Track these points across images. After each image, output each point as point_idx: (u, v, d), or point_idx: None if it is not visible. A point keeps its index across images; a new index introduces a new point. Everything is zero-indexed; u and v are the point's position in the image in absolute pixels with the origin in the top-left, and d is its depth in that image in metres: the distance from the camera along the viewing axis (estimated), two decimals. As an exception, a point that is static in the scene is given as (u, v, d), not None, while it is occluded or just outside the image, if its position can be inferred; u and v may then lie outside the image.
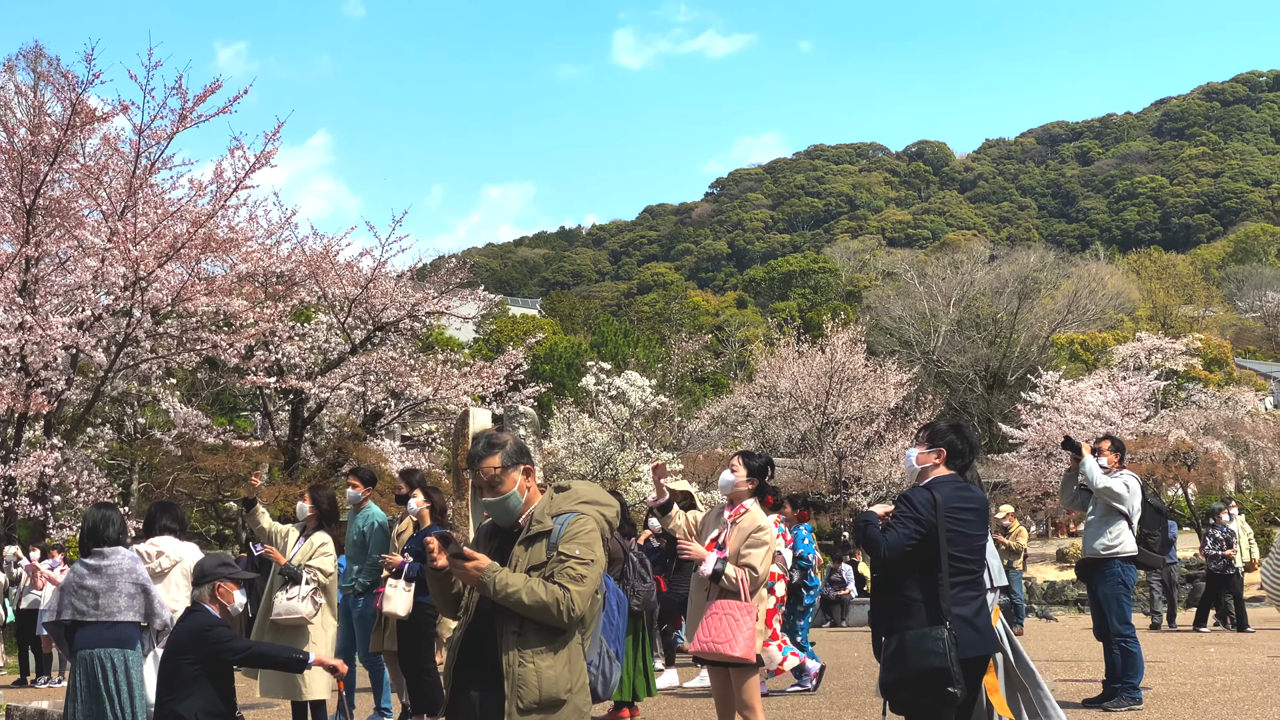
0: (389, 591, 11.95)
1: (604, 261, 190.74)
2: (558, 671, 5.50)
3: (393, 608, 11.89)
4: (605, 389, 38.34)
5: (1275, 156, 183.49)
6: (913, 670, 6.77)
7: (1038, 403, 47.86)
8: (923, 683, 6.79)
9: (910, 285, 79.46)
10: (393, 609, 11.89)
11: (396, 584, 11.92)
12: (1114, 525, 12.90)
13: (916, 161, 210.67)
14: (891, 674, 6.85)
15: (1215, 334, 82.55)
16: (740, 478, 9.03)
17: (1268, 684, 14.49)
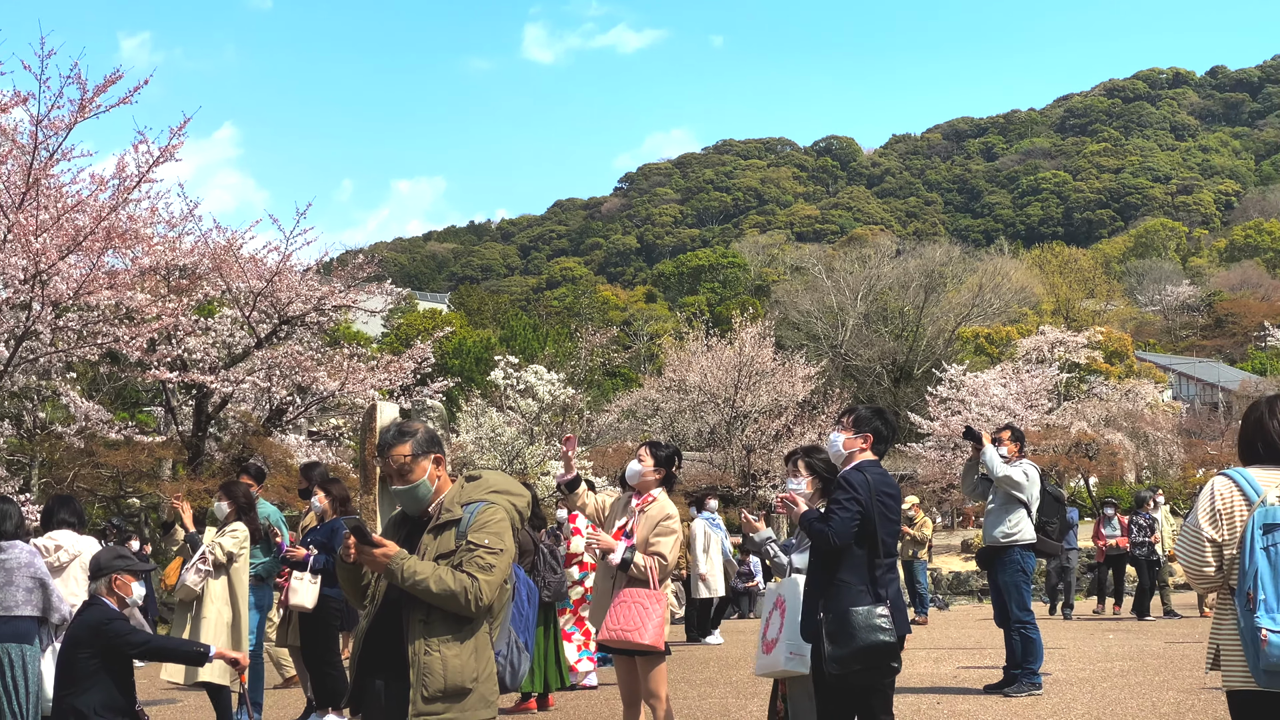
0: (294, 584, 11.85)
1: (513, 256, 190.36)
2: (464, 660, 5.47)
3: (298, 601, 11.80)
4: (514, 383, 38.24)
5: (1175, 153, 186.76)
6: (861, 645, 6.98)
7: (943, 395, 48.39)
8: (870, 657, 7.02)
9: (818, 280, 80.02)
10: (298, 602, 11.80)
11: (302, 577, 11.83)
12: (1013, 514, 13.07)
13: (824, 157, 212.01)
14: (842, 649, 6.98)
15: (1116, 327, 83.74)
16: (647, 467, 9.04)
17: (1164, 669, 14.76)
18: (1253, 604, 5.38)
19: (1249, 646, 5.40)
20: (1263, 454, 5.81)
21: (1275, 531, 5.43)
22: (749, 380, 43.57)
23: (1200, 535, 5.68)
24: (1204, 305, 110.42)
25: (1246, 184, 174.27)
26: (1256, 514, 5.51)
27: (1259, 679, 5.41)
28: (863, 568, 7.22)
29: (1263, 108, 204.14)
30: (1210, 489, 5.76)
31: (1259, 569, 5.41)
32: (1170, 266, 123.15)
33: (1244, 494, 5.63)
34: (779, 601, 7.79)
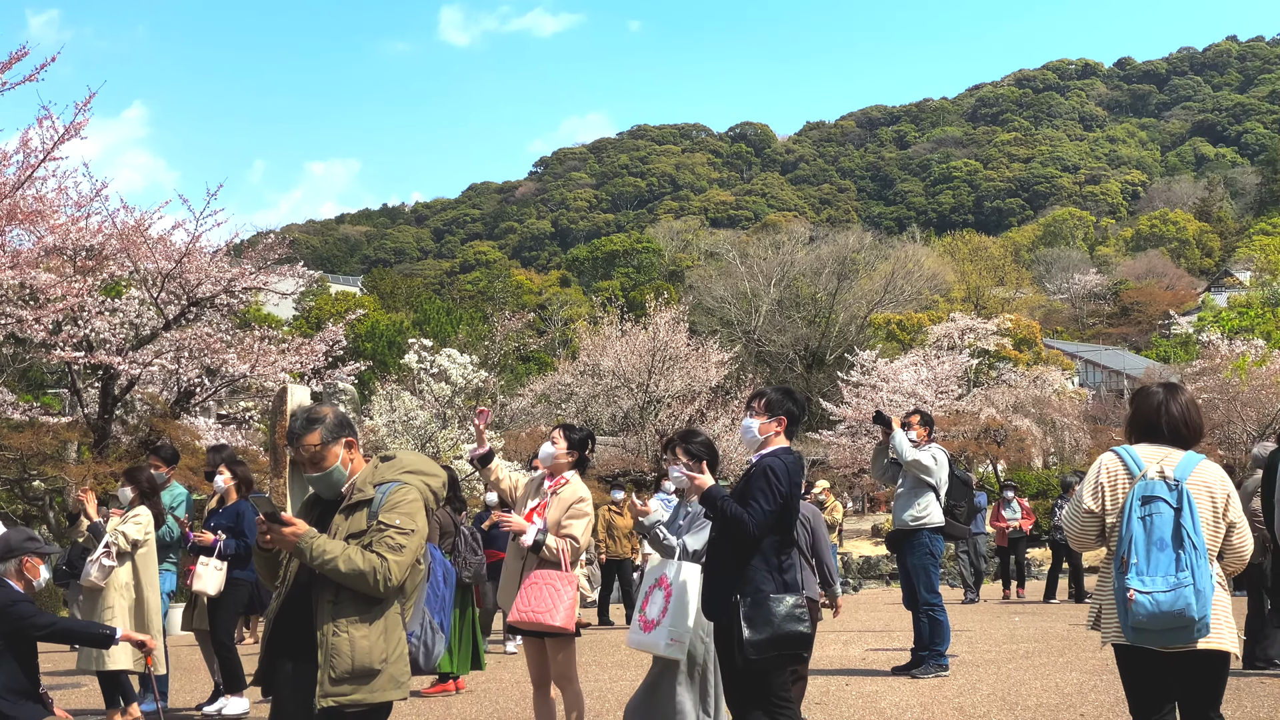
0: (200, 570, 11.73)
1: (427, 239, 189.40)
2: (372, 641, 5.45)
3: (203, 586, 11.68)
4: (428, 366, 38.02)
5: (1083, 143, 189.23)
6: (781, 634, 7.01)
7: (855, 381, 48.74)
8: (788, 645, 7.06)
9: (732, 265, 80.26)
10: (203, 587, 11.68)
11: (209, 562, 11.71)
12: (922, 497, 13.21)
13: (739, 143, 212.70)
14: (760, 634, 6.99)
15: (1025, 315, 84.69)
16: (561, 449, 9.04)
17: (1068, 650, 15.01)
18: (1125, 567, 6.02)
19: (1120, 605, 6.03)
20: (1166, 435, 6.38)
21: (1152, 503, 6.09)
22: (662, 365, 43.61)
23: (1080, 507, 6.33)
24: (1110, 294, 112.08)
25: (1152, 174, 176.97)
26: (1137, 486, 6.16)
27: (1127, 634, 6.07)
28: (773, 554, 7.22)
29: (1169, 99, 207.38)
30: (1099, 464, 6.39)
31: (1134, 535, 6.07)
32: (1078, 255, 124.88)
33: (1128, 468, 6.26)
34: (662, 581, 7.76)
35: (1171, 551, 6.03)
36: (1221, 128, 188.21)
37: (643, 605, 7.79)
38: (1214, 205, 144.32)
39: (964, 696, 11.54)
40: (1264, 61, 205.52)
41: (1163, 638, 6.03)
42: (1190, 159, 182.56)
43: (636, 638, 7.77)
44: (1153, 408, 6.46)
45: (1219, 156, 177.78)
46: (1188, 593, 5.96)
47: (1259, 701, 10.78)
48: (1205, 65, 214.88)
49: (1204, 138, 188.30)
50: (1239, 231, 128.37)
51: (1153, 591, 5.96)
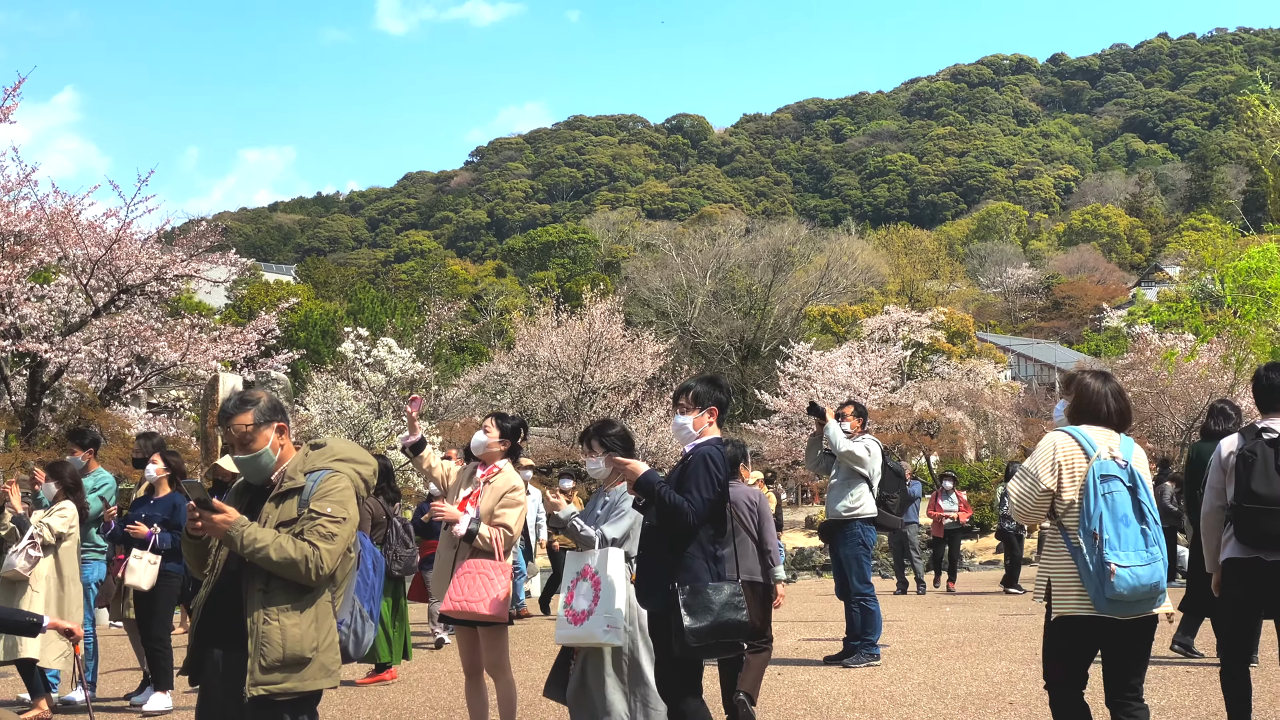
0: (133, 563, 11.55)
1: (362, 229, 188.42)
2: (303, 630, 5.41)
3: (135, 580, 11.49)
4: (364, 356, 37.86)
5: (1017, 138, 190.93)
6: (721, 622, 7.04)
7: (790, 373, 48.96)
8: (728, 633, 7.09)
9: (668, 257, 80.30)
10: (135, 581, 11.49)
11: (142, 555, 11.53)
12: (855, 488, 13.26)
13: (676, 134, 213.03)
14: (700, 623, 7.01)
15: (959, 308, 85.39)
16: (493, 438, 9.00)
17: (998, 640, 15.15)
18: (1099, 542, 6.34)
19: (1095, 578, 6.33)
20: (1106, 418, 6.75)
21: (1109, 480, 6.45)
22: (598, 356, 43.64)
23: (1037, 485, 6.56)
24: (1043, 288, 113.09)
25: (1085, 170, 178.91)
26: (1094, 466, 6.48)
27: (1100, 605, 6.36)
28: (710, 543, 7.25)
29: (1101, 95, 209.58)
30: (1052, 443, 6.65)
31: (1102, 513, 6.40)
32: (1011, 249, 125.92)
33: (1082, 449, 6.57)
34: (586, 572, 7.73)
35: (1136, 527, 6.44)
36: (1153, 124, 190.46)
37: (568, 599, 7.75)
38: (1145, 201, 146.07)
39: (895, 685, 11.62)
40: (1195, 59, 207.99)
41: (1133, 608, 6.42)
42: (1122, 155, 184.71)
43: (567, 631, 7.73)
44: (1095, 392, 6.82)
45: (1150, 152, 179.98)
46: (1160, 566, 6.44)
47: (1184, 690, 10.92)
48: (1137, 62, 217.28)
49: (1136, 134, 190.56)
50: (1169, 227, 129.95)
51: (1131, 565, 6.31)
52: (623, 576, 7.66)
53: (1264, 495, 7.64)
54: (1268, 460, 7.68)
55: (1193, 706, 10.08)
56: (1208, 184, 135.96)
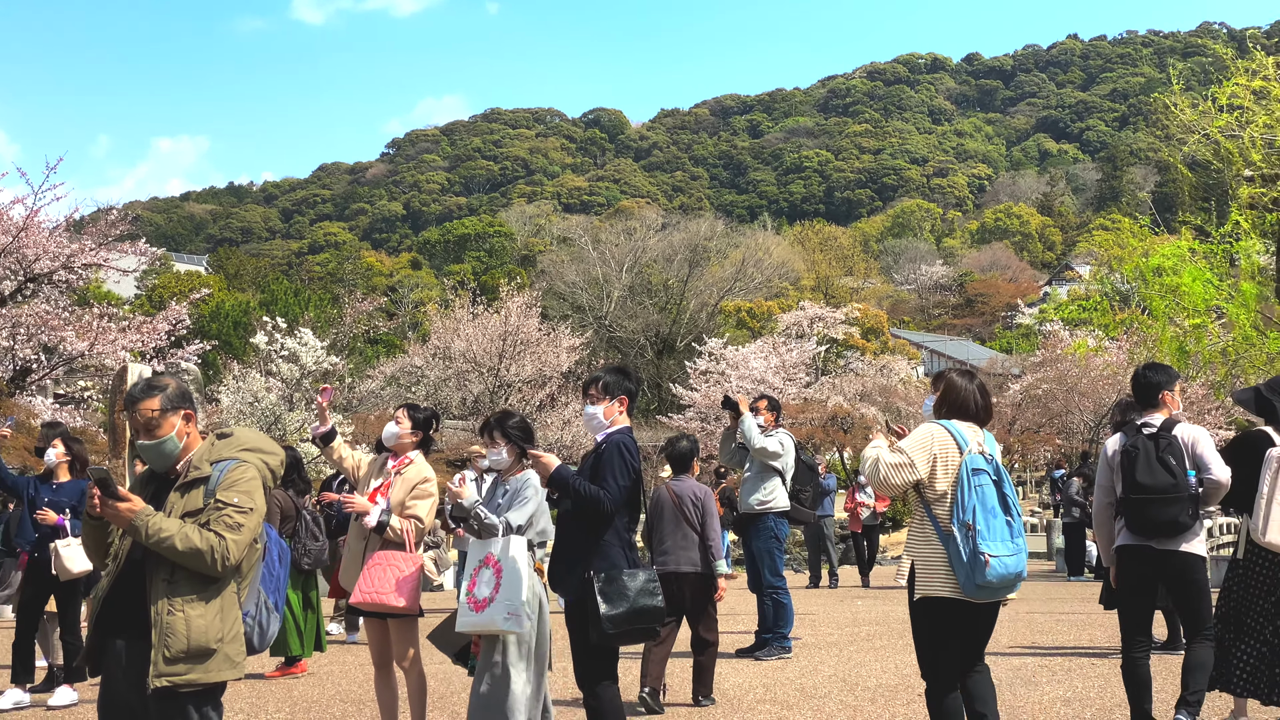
0: (63, 551, 11.32)
1: (275, 219, 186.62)
2: (208, 621, 5.36)
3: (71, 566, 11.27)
4: (277, 348, 37.48)
5: (932, 136, 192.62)
6: (637, 608, 7.17)
7: (704, 368, 49.07)
8: (645, 619, 7.22)
9: (584, 251, 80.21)
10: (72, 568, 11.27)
11: (70, 542, 11.31)
12: (768, 482, 13.32)
13: (593, 129, 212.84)
14: (618, 608, 7.12)
15: (873, 304, 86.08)
16: (405, 429, 8.95)
17: (908, 633, 15.11)
18: (973, 532, 6.70)
19: (967, 566, 6.70)
20: (972, 414, 7.14)
21: (979, 474, 6.85)
22: (513, 350, 43.48)
23: (912, 470, 6.87)
24: (956, 285, 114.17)
25: (998, 168, 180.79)
26: (966, 460, 6.86)
27: (968, 590, 6.75)
28: (625, 530, 7.38)
29: (1014, 95, 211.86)
30: (930, 434, 7.00)
31: (975, 505, 6.77)
32: (925, 247, 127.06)
33: (956, 443, 6.94)
34: (489, 560, 7.72)
35: (1002, 518, 6.85)
36: (1064, 124, 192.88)
37: (470, 586, 7.73)
38: (1056, 200, 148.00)
39: (806, 678, 11.69)
40: (1105, 61, 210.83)
41: (996, 593, 6.84)
42: (1034, 154, 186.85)
43: (468, 619, 7.70)
44: (963, 389, 7.20)
45: (1062, 152, 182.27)
46: (1024, 556, 6.91)
47: (1088, 682, 11.07)
48: (1050, 63, 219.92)
49: (1048, 134, 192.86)
50: (1080, 226, 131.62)
51: (1001, 556, 6.71)
52: (525, 564, 7.67)
53: (1148, 485, 8.12)
54: (1149, 453, 8.18)
55: (1097, 698, 10.23)
56: (1117, 184, 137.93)
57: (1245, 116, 27.98)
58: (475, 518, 7.80)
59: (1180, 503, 8.09)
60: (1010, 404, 50.59)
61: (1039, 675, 11.51)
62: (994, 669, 11.74)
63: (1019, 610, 17.99)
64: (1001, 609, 7.27)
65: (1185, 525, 8.13)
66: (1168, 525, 8.13)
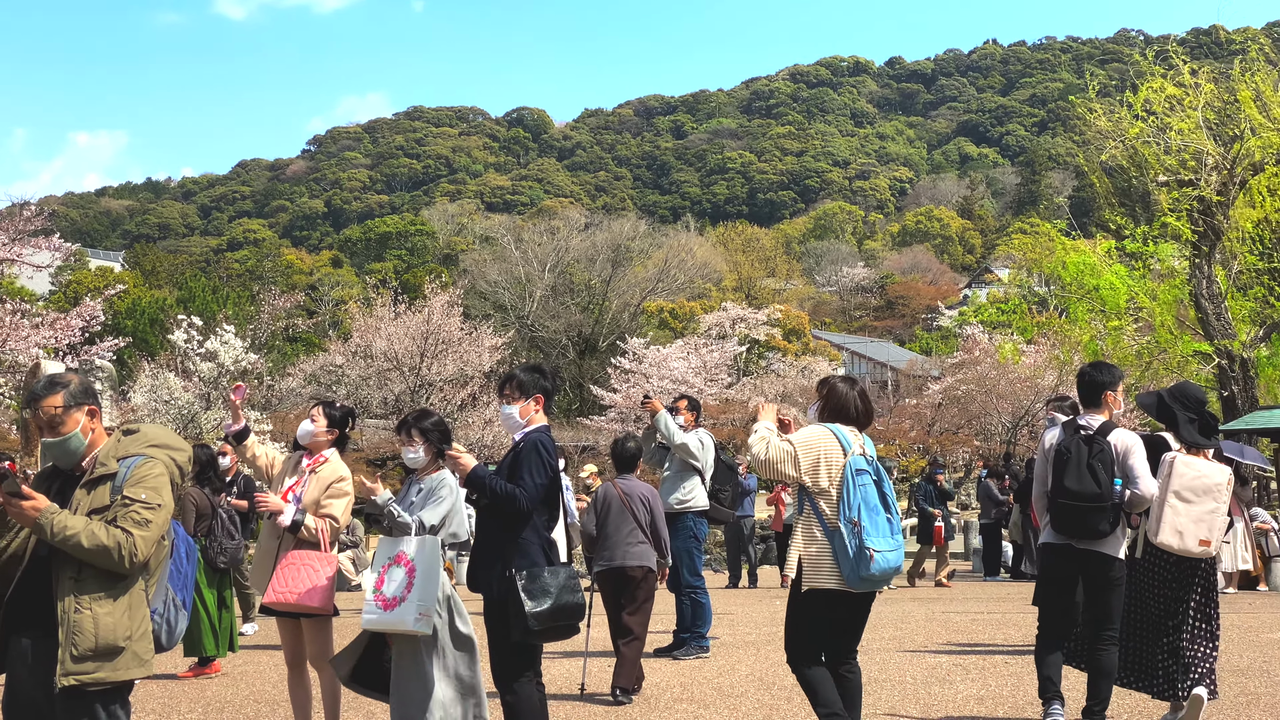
0: None
1: (194, 216, 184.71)
2: (116, 619, 5.30)
3: None
4: (194, 345, 37.10)
5: (854, 139, 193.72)
6: (561, 604, 7.23)
7: (626, 368, 49.10)
8: (568, 615, 7.29)
9: (507, 250, 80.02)
10: None
11: None
12: (688, 481, 13.34)
13: (516, 128, 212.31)
14: (541, 605, 7.17)
15: (795, 306, 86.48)
16: (320, 427, 8.86)
17: (829, 632, 15.33)
18: (859, 528, 7.22)
19: (853, 560, 7.20)
20: (854, 418, 7.65)
21: (862, 474, 7.36)
22: (435, 349, 43.30)
23: (795, 465, 7.38)
24: (877, 287, 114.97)
25: (919, 172, 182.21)
26: (850, 461, 7.38)
27: (852, 582, 7.25)
28: (545, 528, 7.40)
29: (935, 99, 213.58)
30: (818, 435, 7.50)
31: (860, 503, 7.28)
32: (847, 249, 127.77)
33: (840, 445, 7.45)
34: (400, 558, 7.66)
35: (883, 515, 7.38)
36: (984, 129, 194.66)
37: (378, 584, 7.67)
38: (976, 204, 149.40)
39: (724, 677, 11.70)
40: (1025, 66, 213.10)
41: (875, 585, 7.34)
42: (955, 158, 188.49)
43: (376, 617, 7.64)
44: (845, 395, 7.71)
45: (982, 156, 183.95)
46: (902, 551, 7.46)
47: (1002, 680, 11.17)
48: (970, 67, 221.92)
49: (968, 138, 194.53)
50: (999, 230, 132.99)
51: (883, 550, 7.23)
52: (439, 564, 7.62)
53: (1074, 491, 8.39)
54: (1080, 457, 8.42)
55: (1010, 696, 10.32)
56: (1036, 188, 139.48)
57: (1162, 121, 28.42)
58: (388, 515, 7.74)
59: (1102, 512, 8.36)
60: (929, 405, 51.08)
61: (953, 674, 11.60)
62: (909, 668, 11.87)
63: (935, 610, 18.13)
64: (918, 608, 7.70)
65: (1105, 532, 8.42)
66: (1089, 530, 8.42)
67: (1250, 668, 11.40)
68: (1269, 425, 24.39)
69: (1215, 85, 28.94)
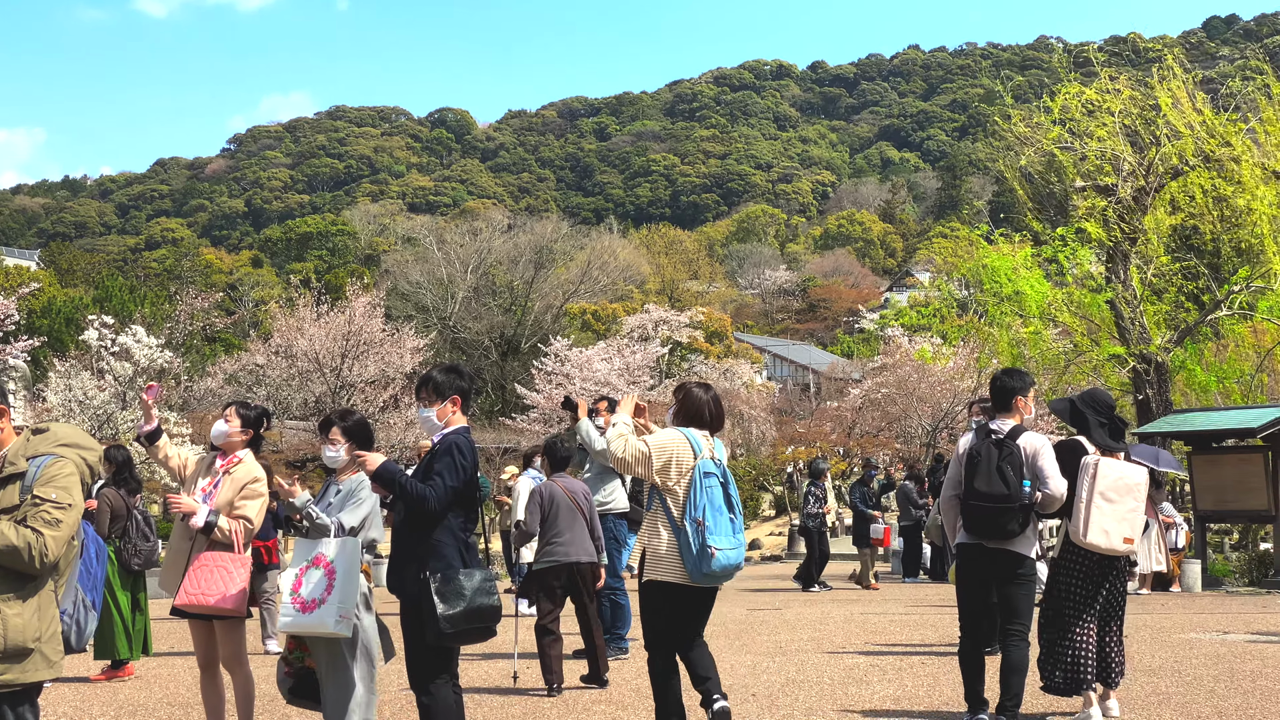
0: None
1: (111, 215, 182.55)
2: (26, 619, 5.22)
3: None
4: (109, 345, 36.60)
5: (777, 142, 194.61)
6: (475, 607, 7.17)
7: (549, 369, 49.01)
8: (483, 618, 7.23)
9: (429, 251, 79.68)
10: None
11: None
12: (608, 483, 13.37)
13: (440, 128, 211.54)
14: (455, 607, 7.10)
15: (717, 308, 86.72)
16: (234, 428, 8.77)
17: (744, 634, 15.44)
18: (703, 527, 7.69)
19: (696, 556, 7.68)
20: (706, 423, 8.11)
21: (709, 477, 7.85)
22: (356, 350, 42.99)
23: (648, 465, 7.82)
24: (799, 290, 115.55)
25: (841, 175, 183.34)
26: (699, 464, 7.86)
27: (694, 576, 7.75)
28: (461, 530, 7.35)
29: (857, 103, 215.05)
30: (672, 438, 7.95)
31: (705, 504, 7.75)
32: (769, 252, 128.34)
33: (691, 448, 7.93)
34: (319, 560, 7.61)
35: (727, 515, 7.86)
36: (906, 133, 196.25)
37: (295, 586, 7.60)
38: (898, 208, 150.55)
39: (642, 678, 11.66)
40: (946, 71, 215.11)
41: (717, 580, 7.87)
42: (877, 162, 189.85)
43: (293, 620, 7.57)
44: (699, 400, 8.18)
45: (903, 161, 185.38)
46: (743, 550, 7.97)
47: (918, 680, 11.26)
48: (892, 72, 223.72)
49: (890, 142, 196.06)
50: (920, 234, 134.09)
51: (724, 549, 7.72)
52: (358, 565, 7.57)
53: (984, 493, 8.69)
54: (991, 460, 8.72)
55: (926, 696, 10.40)
56: (957, 193, 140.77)
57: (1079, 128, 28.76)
58: (306, 517, 7.67)
59: (1011, 513, 8.64)
60: (850, 408, 51.36)
61: (870, 675, 11.67)
62: (827, 669, 11.93)
63: (854, 611, 18.23)
64: (837, 609, 7.83)
65: (1015, 533, 8.69)
66: (999, 530, 8.69)
67: (1162, 668, 11.55)
68: (1183, 429, 24.74)
69: (1132, 91, 29.31)
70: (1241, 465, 23.53)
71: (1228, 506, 24.07)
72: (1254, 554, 26.31)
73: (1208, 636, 14.14)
